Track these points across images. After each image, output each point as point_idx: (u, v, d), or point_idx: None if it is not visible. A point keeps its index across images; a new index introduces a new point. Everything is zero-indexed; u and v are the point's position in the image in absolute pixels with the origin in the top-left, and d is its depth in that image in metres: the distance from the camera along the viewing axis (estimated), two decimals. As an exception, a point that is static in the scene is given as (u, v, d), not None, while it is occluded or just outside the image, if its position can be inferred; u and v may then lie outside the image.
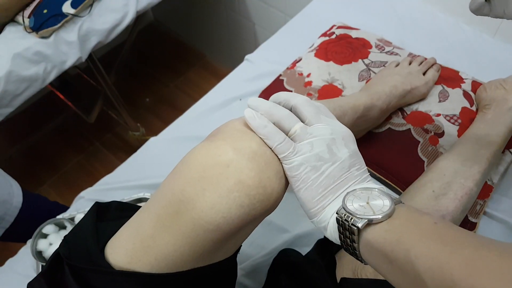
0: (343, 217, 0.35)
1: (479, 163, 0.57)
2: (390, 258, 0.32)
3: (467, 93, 0.72)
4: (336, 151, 0.37)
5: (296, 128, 0.38)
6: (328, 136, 0.38)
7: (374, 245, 0.34)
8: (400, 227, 0.33)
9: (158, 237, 0.35)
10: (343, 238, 0.36)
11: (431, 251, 0.30)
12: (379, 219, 0.34)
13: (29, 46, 0.94)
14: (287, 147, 0.37)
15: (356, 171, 0.38)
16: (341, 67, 0.77)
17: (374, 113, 0.63)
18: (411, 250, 0.31)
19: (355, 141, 0.40)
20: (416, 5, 0.93)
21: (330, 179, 0.37)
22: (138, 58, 1.87)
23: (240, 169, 0.34)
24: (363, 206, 0.35)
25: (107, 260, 0.37)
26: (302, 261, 0.56)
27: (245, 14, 1.46)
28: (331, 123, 0.39)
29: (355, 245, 0.35)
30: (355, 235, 0.35)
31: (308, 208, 0.38)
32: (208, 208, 0.34)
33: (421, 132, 0.67)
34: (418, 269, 0.30)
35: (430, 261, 0.30)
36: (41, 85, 0.99)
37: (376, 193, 0.36)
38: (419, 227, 0.33)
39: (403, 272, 0.32)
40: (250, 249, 0.64)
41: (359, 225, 0.34)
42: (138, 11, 1.08)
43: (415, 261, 0.30)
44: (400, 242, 0.32)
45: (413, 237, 0.32)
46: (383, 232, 0.34)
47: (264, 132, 0.37)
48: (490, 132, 0.60)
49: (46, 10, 0.95)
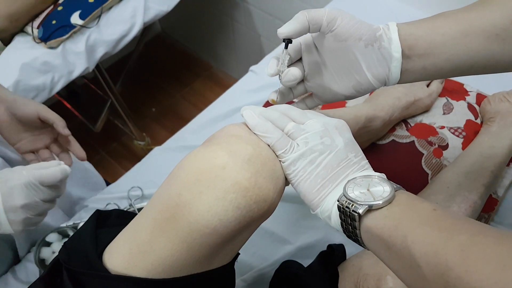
0: (344, 204, 0.35)
1: (483, 176, 0.56)
2: (388, 243, 0.33)
3: (472, 105, 0.71)
4: (331, 141, 0.38)
5: (289, 127, 0.39)
6: (320, 128, 0.38)
7: (373, 231, 0.34)
8: (399, 213, 0.34)
9: (155, 242, 0.35)
10: (345, 226, 0.36)
11: (428, 237, 0.31)
12: (380, 205, 0.34)
13: (37, 56, 0.95)
14: (286, 143, 0.38)
15: (354, 158, 0.39)
16: (345, 79, 0.78)
17: (376, 124, 0.63)
18: (408, 236, 0.31)
19: (350, 130, 0.41)
20: (419, 16, 0.93)
21: (328, 168, 0.38)
22: (145, 68, 1.90)
23: (236, 171, 0.35)
24: (364, 193, 0.36)
25: (105, 265, 0.37)
26: (304, 272, 0.55)
27: (251, 26, 1.48)
28: (320, 117, 0.40)
29: (357, 231, 0.35)
30: (356, 222, 0.35)
31: (309, 200, 0.38)
32: (204, 211, 0.34)
33: (425, 145, 0.67)
34: (414, 254, 0.30)
35: (426, 246, 0.30)
36: (48, 94, 1.00)
37: (377, 180, 0.37)
38: (417, 213, 0.33)
39: (400, 258, 0.32)
40: (252, 260, 0.64)
41: (360, 211, 0.34)
42: (145, 22, 1.10)
43: (411, 246, 0.31)
44: (398, 228, 0.32)
45: (411, 223, 0.32)
46: (382, 218, 0.34)
47: (263, 129, 0.38)
48: (495, 145, 0.60)
49: (55, 21, 0.97)
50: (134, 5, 1.06)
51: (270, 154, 0.38)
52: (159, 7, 1.11)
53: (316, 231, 0.65)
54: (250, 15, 1.44)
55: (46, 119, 0.61)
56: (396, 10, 0.95)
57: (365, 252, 0.55)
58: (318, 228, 0.65)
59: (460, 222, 0.31)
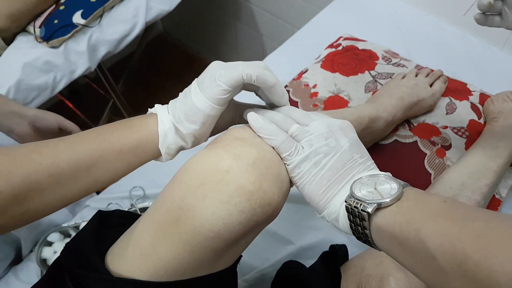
0: (352, 204, 0.35)
1: (486, 176, 0.56)
2: (400, 239, 0.32)
3: (475, 105, 0.71)
4: (336, 142, 0.38)
5: (293, 129, 0.39)
6: (325, 129, 0.38)
7: (384, 228, 0.34)
8: (409, 208, 0.33)
9: (158, 245, 0.35)
10: (354, 227, 0.36)
11: (441, 228, 0.30)
12: (388, 203, 0.34)
13: (39, 55, 0.95)
14: (290, 145, 0.38)
15: (360, 159, 0.38)
16: (348, 79, 0.77)
17: (379, 124, 0.63)
18: (421, 229, 0.31)
19: (355, 130, 0.41)
20: (423, 16, 0.93)
21: (333, 170, 0.37)
22: (147, 68, 1.90)
23: (240, 174, 0.34)
24: (371, 191, 0.35)
25: (107, 267, 0.37)
26: (306, 273, 0.55)
27: (253, 26, 1.48)
28: (324, 118, 0.40)
29: (367, 231, 0.35)
30: (366, 221, 0.34)
31: (315, 202, 0.38)
32: (209, 215, 0.33)
33: (428, 145, 0.66)
34: (429, 247, 0.30)
35: (441, 237, 0.29)
36: (50, 94, 1.00)
37: (383, 178, 0.36)
38: (428, 206, 0.33)
39: (413, 253, 0.31)
40: (254, 261, 0.64)
41: (369, 210, 0.34)
42: (147, 22, 1.10)
43: (425, 239, 0.30)
44: (410, 222, 0.32)
45: (422, 216, 0.32)
46: (392, 214, 0.33)
47: (268, 132, 0.38)
48: (498, 145, 0.60)
49: (57, 21, 0.97)
50: (136, 4, 1.06)
51: (275, 157, 0.38)
52: (161, 6, 1.11)
53: (318, 231, 0.65)
54: (252, 14, 1.44)
55: (66, 127, 0.70)
56: (400, 10, 0.95)
57: (367, 253, 0.55)
58: (320, 229, 0.65)
59: (472, 211, 0.31)
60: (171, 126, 0.41)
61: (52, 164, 0.37)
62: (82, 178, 0.39)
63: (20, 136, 0.68)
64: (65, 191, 0.38)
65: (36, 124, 0.68)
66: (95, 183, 0.40)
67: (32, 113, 0.68)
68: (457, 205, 0.32)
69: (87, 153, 0.39)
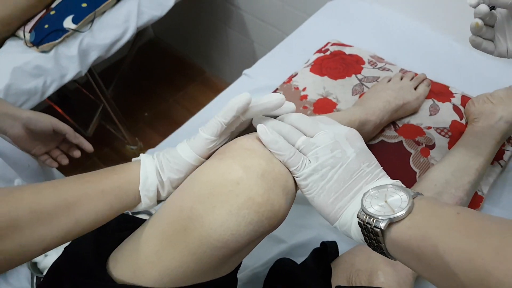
0: (365, 220, 0.35)
1: (469, 173, 0.58)
2: (417, 254, 0.32)
3: (457, 107, 0.74)
4: (342, 153, 0.38)
5: (300, 143, 0.39)
6: (330, 141, 0.38)
7: (399, 243, 0.33)
8: (423, 222, 0.33)
9: (163, 253, 0.35)
10: (369, 241, 0.36)
11: (459, 243, 0.30)
12: (400, 217, 0.33)
13: (29, 60, 0.95)
14: (298, 159, 0.38)
15: (367, 168, 0.38)
16: (336, 82, 0.80)
17: (368, 127, 0.65)
18: (439, 245, 0.31)
19: (361, 138, 0.41)
20: (407, 23, 0.96)
21: (340, 182, 0.37)
22: (138, 73, 1.90)
23: (250, 187, 0.35)
24: (382, 205, 0.35)
25: (110, 273, 0.37)
26: (298, 270, 0.56)
27: (243, 32, 1.50)
28: (331, 128, 0.40)
29: (382, 245, 0.35)
30: (380, 237, 0.34)
31: (325, 213, 0.38)
32: (217, 225, 0.34)
33: (413, 144, 0.69)
34: (448, 263, 0.30)
35: (459, 253, 0.29)
36: (40, 98, 0.99)
37: (392, 189, 0.36)
38: (442, 219, 0.32)
39: (433, 268, 0.31)
40: (247, 260, 0.64)
41: (381, 226, 0.34)
42: (139, 27, 1.10)
43: (444, 255, 0.30)
44: (426, 238, 0.32)
45: (438, 231, 0.32)
46: (406, 229, 0.33)
47: (277, 147, 0.38)
48: (479, 144, 0.62)
49: (48, 25, 0.97)
50: (128, 9, 1.07)
51: (283, 169, 0.38)
52: (152, 12, 1.12)
53: (310, 230, 0.66)
54: (243, 21, 1.46)
55: (60, 130, 0.70)
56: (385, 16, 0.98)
57: (357, 249, 0.56)
58: (311, 227, 0.66)
59: (487, 224, 0.31)
60: (153, 169, 0.40)
61: (34, 201, 0.36)
62: (63, 217, 0.37)
63: (14, 138, 0.68)
64: (44, 232, 0.36)
65: (30, 126, 0.67)
66: (76, 224, 0.37)
67: (26, 115, 0.67)
68: (470, 217, 0.32)
69: (69, 191, 0.38)
